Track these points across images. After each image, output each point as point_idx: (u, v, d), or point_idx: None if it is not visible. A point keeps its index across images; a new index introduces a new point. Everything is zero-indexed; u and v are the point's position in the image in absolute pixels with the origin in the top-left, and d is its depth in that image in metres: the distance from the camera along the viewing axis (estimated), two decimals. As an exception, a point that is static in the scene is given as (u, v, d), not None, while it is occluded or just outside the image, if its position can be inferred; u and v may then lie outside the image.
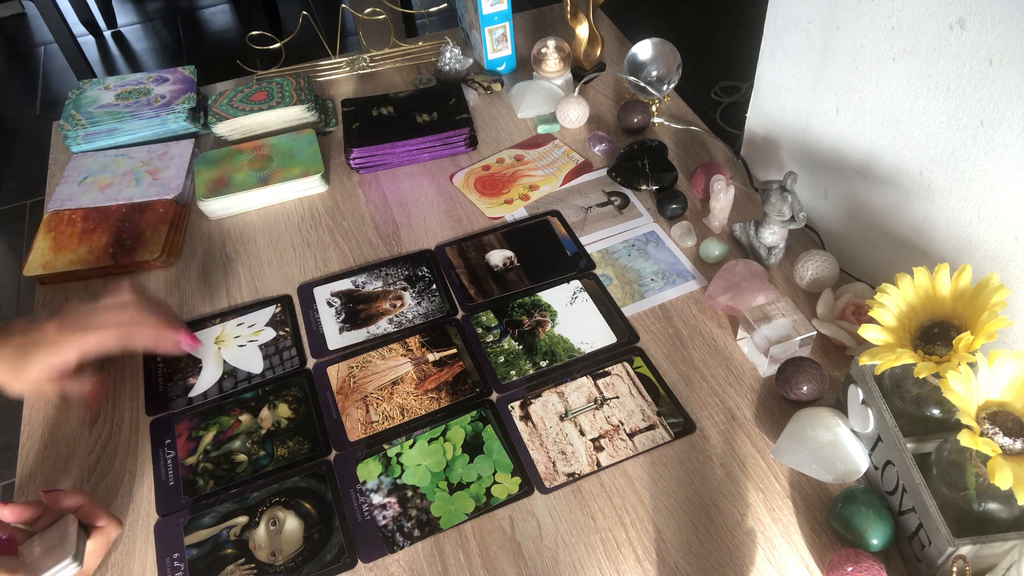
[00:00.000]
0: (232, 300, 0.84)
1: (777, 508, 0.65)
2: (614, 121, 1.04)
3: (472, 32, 1.13)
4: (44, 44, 2.77)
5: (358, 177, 0.99)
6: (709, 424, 0.70)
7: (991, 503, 0.54)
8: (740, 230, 0.85)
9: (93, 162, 0.99)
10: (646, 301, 0.81)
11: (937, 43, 0.64)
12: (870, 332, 0.59)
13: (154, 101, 1.04)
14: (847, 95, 0.78)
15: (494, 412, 0.72)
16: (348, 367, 0.77)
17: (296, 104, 1.01)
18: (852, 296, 0.76)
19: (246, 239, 0.91)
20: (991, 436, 0.52)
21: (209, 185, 0.93)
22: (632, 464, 0.68)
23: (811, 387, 0.68)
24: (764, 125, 0.94)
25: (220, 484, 0.68)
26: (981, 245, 0.67)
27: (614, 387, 0.74)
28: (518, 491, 0.67)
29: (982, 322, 0.54)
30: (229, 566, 0.63)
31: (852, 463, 0.64)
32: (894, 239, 0.77)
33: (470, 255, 0.87)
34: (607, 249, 0.87)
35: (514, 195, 0.94)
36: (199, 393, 0.76)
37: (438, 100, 1.04)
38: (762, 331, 0.71)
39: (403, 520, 0.65)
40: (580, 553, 0.63)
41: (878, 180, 0.77)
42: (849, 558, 0.57)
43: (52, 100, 2.51)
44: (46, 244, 0.88)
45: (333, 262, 0.88)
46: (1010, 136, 0.61)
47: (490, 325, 0.80)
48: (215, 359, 0.78)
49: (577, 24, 1.06)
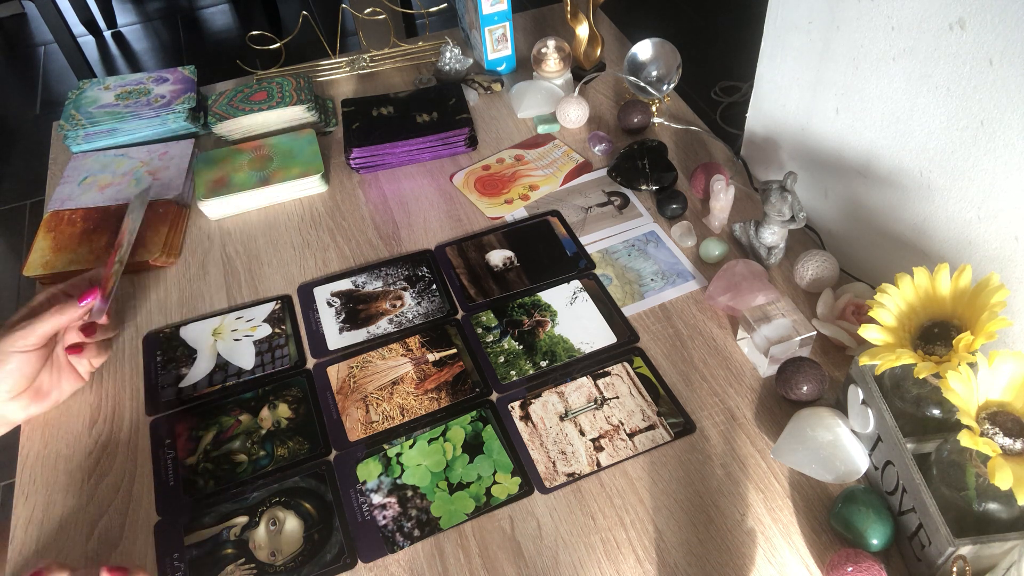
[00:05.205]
0: (232, 300, 0.84)
1: (777, 508, 0.65)
2: (614, 121, 1.04)
3: (472, 32, 1.13)
4: (44, 44, 2.77)
5: (358, 177, 0.99)
6: (709, 424, 0.70)
7: (991, 503, 0.54)
8: (740, 230, 0.85)
9: (93, 162, 0.99)
10: (646, 301, 0.81)
11: (937, 43, 0.64)
12: (870, 332, 0.59)
13: (154, 101, 1.04)
14: (847, 95, 0.78)
15: (494, 412, 0.72)
16: (348, 367, 0.77)
17: (296, 104, 1.01)
18: (852, 296, 0.76)
19: (246, 239, 0.91)
20: (991, 436, 0.52)
21: (209, 185, 0.93)
22: (632, 464, 0.68)
23: (811, 387, 0.68)
24: (764, 125, 0.94)
25: (220, 484, 0.68)
26: (981, 245, 0.67)
27: (614, 387, 0.74)
28: (518, 491, 0.67)
29: (982, 322, 0.54)
30: (229, 566, 0.63)
31: (852, 463, 0.64)
32: (894, 239, 0.77)
33: (470, 255, 0.87)
34: (607, 249, 0.87)
35: (514, 195, 0.94)
36: (189, 384, 0.76)
37: (438, 100, 1.04)
38: (762, 331, 0.71)
39: (403, 520, 0.65)
40: (580, 553, 0.63)
41: (878, 180, 0.77)
42: (849, 558, 0.57)
43: (52, 100, 2.51)
44: (46, 244, 0.88)
45: (333, 262, 0.88)
46: (1010, 136, 0.61)
47: (490, 325, 0.80)
48: (210, 351, 0.79)
49: (577, 24, 1.06)
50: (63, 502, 0.68)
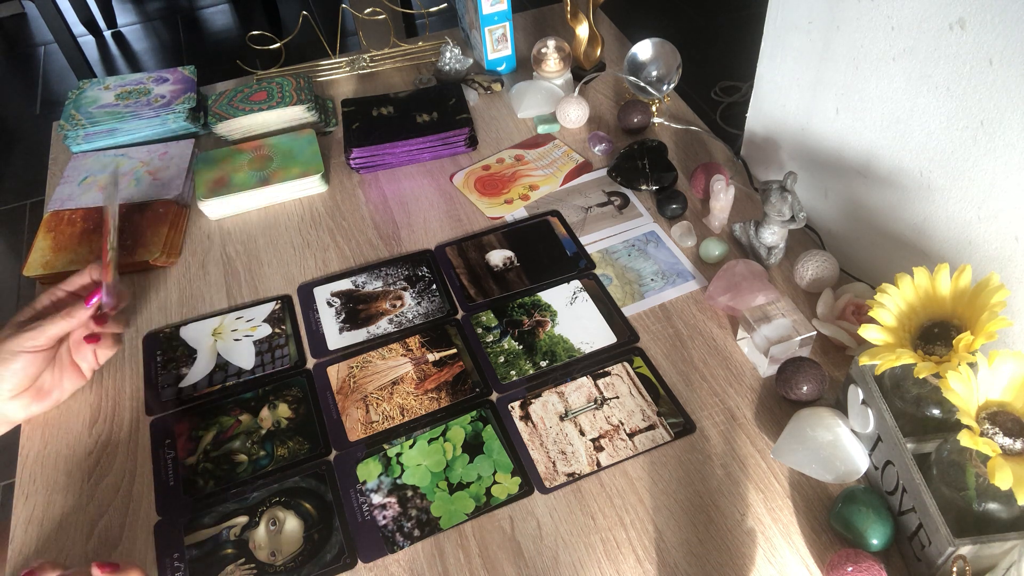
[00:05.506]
0: (232, 300, 0.84)
1: (777, 508, 0.65)
2: (614, 121, 1.04)
3: (472, 32, 1.13)
4: (44, 44, 2.77)
5: (358, 177, 0.99)
6: (709, 424, 0.70)
7: (991, 503, 0.54)
8: (740, 230, 0.85)
9: (93, 162, 0.99)
10: (646, 301, 0.81)
11: (937, 43, 0.64)
12: (870, 332, 0.59)
13: (154, 101, 1.04)
14: (847, 95, 0.78)
15: (494, 412, 0.72)
16: (348, 367, 0.77)
17: (296, 104, 1.01)
18: (852, 296, 0.76)
19: (246, 239, 0.91)
20: (991, 436, 0.52)
21: (209, 185, 0.93)
22: (632, 464, 0.68)
23: (811, 387, 0.68)
24: (764, 125, 0.94)
25: (220, 484, 0.68)
26: (981, 245, 0.67)
27: (614, 387, 0.74)
28: (518, 491, 0.67)
29: (982, 322, 0.54)
30: (229, 566, 0.63)
31: (852, 463, 0.64)
32: (894, 239, 0.77)
33: (470, 255, 0.87)
34: (607, 249, 0.87)
35: (514, 195, 0.94)
36: (189, 384, 0.76)
37: (438, 100, 1.04)
38: (762, 331, 0.71)
39: (403, 520, 0.65)
40: (580, 553, 0.63)
41: (878, 180, 0.77)
42: (849, 558, 0.57)
43: (52, 100, 2.51)
44: (46, 244, 0.88)
45: (333, 262, 0.88)
46: (1010, 136, 0.61)
47: (490, 325, 0.80)
48: (210, 351, 0.79)
49: (577, 24, 1.06)
50: (63, 502, 0.68)
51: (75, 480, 0.69)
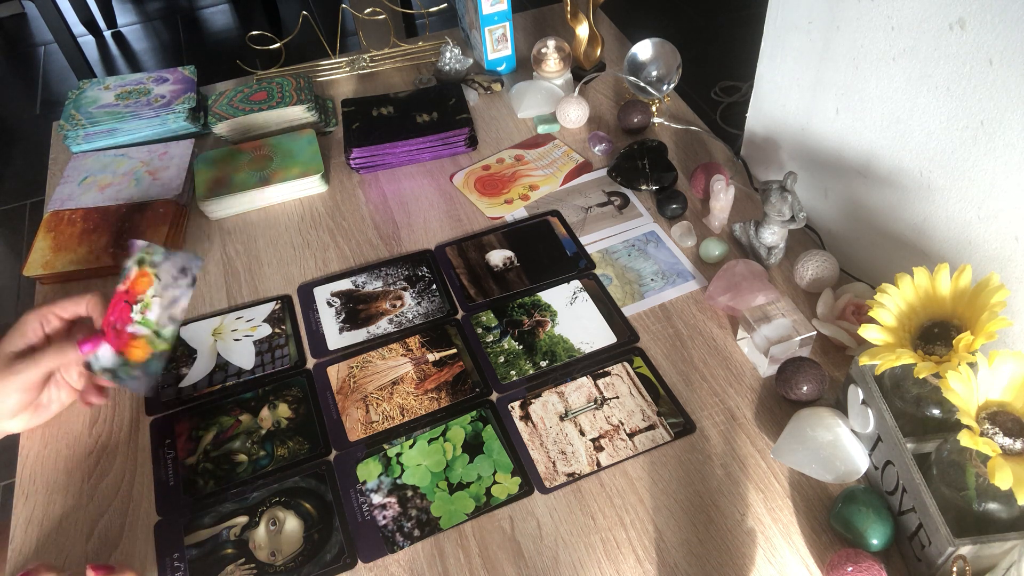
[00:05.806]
0: (232, 300, 0.84)
1: (777, 508, 0.65)
2: (614, 121, 1.04)
3: (472, 32, 1.13)
4: (44, 44, 2.77)
5: (358, 177, 0.99)
6: (709, 424, 0.70)
7: (991, 503, 0.54)
8: (740, 230, 0.85)
9: (93, 162, 0.99)
10: (646, 301, 0.81)
11: (937, 43, 0.64)
12: (870, 332, 0.59)
13: (154, 101, 1.04)
14: (847, 95, 0.78)
15: (494, 412, 0.72)
16: (348, 367, 0.77)
17: (296, 104, 1.01)
18: (852, 296, 0.76)
19: (246, 239, 0.91)
20: (991, 436, 0.52)
21: (209, 185, 0.93)
22: (632, 464, 0.68)
23: (811, 387, 0.68)
24: (764, 125, 0.94)
25: (220, 484, 0.68)
26: (981, 245, 0.67)
27: (614, 387, 0.74)
28: (518, 491, 0.67)
29: (982, 322, 0.54)
30: (229, 566, 0.63)
31: (852, 463, 0.64)
32: (894, 239, 0.77)
33: (470, 255, 0.87)
34: (607, 249, 0.87)
35: (514, 195, 0.94)
36: (189, 384, 0.76)
37: (438, 100, 1.04)
38: (762, 331, 0.71)
39: (403, 520, 0.65)
40: (580, 553, 0.63)
41: (878, 180, 0.77)
42: (849, 558, 0.57)
43: (52, 100, 2.51)
44: (46, 244, 0.88)
45: (333, 262, 0.88)
46: (1010, 136, 0.61)
47: (490, 325, 0.80)
48: (210, 351, 0.79)
49: (577, 24, 1.06)
50: (63, 502, 0.68)
51: (75, 480, 0.69)
